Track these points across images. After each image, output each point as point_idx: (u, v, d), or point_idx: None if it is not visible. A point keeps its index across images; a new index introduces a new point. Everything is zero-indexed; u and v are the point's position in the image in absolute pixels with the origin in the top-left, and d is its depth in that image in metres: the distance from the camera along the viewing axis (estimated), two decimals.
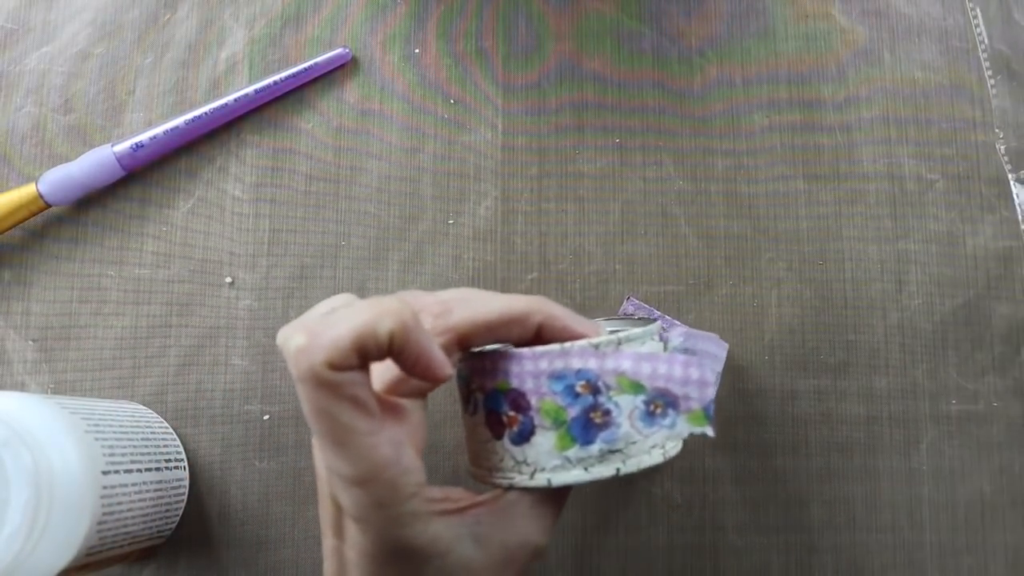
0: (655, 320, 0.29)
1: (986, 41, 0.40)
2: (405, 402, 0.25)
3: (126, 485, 0.30)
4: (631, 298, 0.38)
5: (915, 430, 0.37)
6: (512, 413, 0.24)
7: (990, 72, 0.40)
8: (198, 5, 0.40)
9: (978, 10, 0.40)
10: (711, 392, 0.24)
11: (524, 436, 0.24)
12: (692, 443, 0.37)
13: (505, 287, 0.38)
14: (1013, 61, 0.40)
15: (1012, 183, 0.39)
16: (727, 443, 0.37)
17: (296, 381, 0.22)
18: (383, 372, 0.25)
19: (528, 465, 0.24)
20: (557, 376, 0.24)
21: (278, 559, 0.36)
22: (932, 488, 0.37)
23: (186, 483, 0.36)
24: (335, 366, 0.21)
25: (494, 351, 0.25)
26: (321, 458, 0.24)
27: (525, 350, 0.24)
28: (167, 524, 0.34)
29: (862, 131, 0.39)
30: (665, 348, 0.27)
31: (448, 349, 0.24)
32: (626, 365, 0.24)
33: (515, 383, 0.24)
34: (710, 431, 0.24)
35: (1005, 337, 0.38)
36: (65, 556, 0.27)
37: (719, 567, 0.37)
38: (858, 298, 0.38)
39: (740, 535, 0.37)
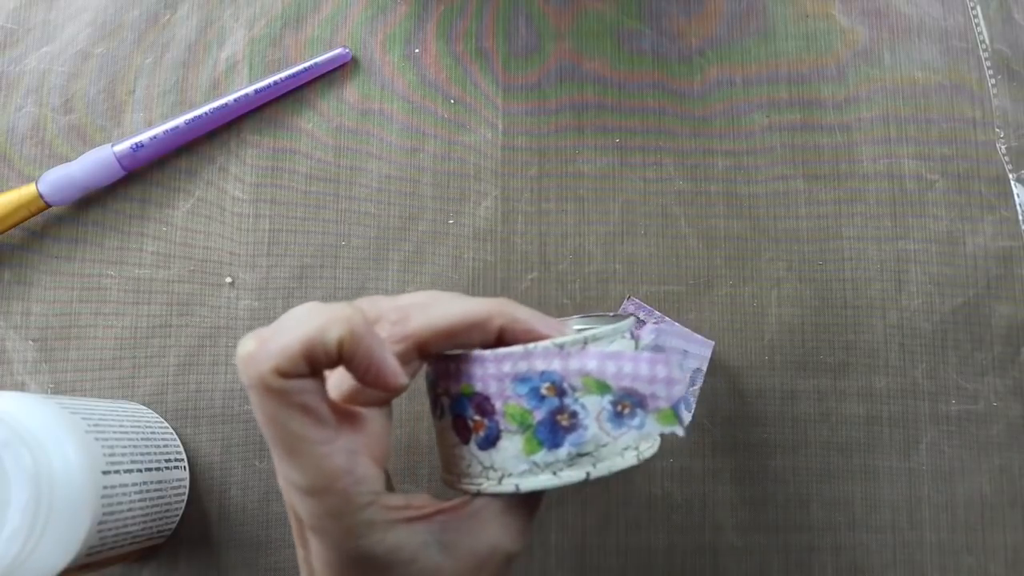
0: (628, 317, 0.28)
1: (986, 41, 0.40)
2: (364, 411, 0.24)
3: (126, 485, 0.30)
4: (631, 298, 0.38)
5: (915, 430, 0.37)
6: (477, 418, 0.24)
7: (990, 72, 0.40)
8: (198, 5, 0.40)
9: (978, 10, 0.40)
10: (679, 390, 0.23)
11: (490, 441, 0.24)
12: (692, 443, 0.37)
13: (505, 287, 0.38)
14: (1013, 61, 0.40)
15: (1012, 183, 0.39)
16: (727, 443, 0.37)
17: (246, 388, 0.21)
18: (342, 380, 0.25)
19: (495, 471, 0.24)
20: (521, 378, 0.23)
21: (278, 559, 0.36)
22: (932, 488, 0.37)
23: (186, 483, 0.36)
24: (284, 373, 0.21)
25: (457, 354, 0.24)
26: (277, 467, 0.24)
27: (487, 352, 0.24)
28: (167, 524, 0.34)
29: (862, 131, 0.39)
30: (636, 346, 0.26)
31: (406, 356, 0.24)
32: (591, 365, 0.23)
33: (479, 387, 0.24)
34: (680, 430, 0.23)
35: (1005, 337, 0.38)
36: (65, 556, 0.27)
37: (719, 567, 0.37)
38: (858, 298, 0.38)
39: (740, 535, 0.37)
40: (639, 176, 0.39)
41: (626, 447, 0.24)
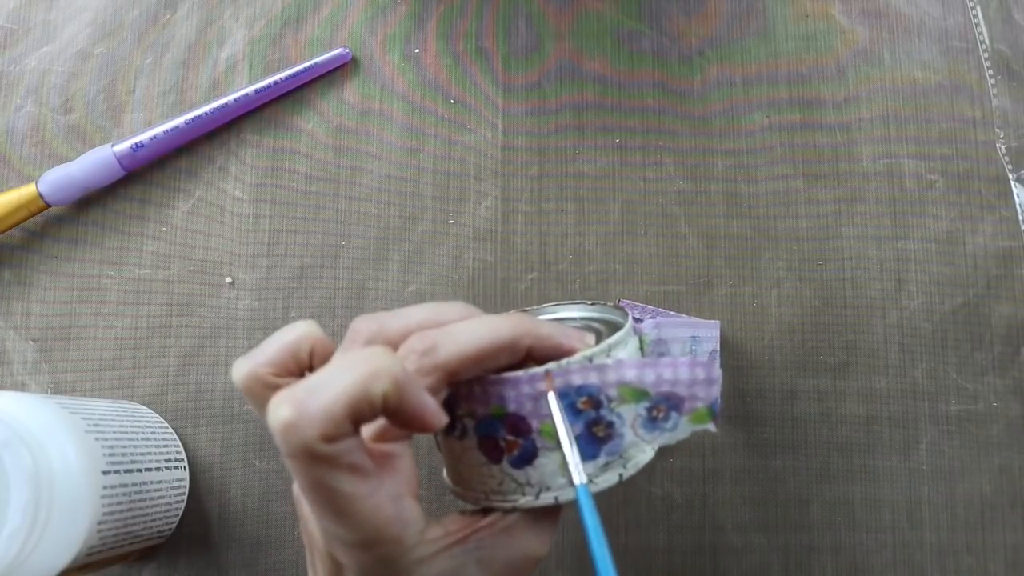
0: (622, 307, 0.28)
1: (986, 41, 0.40)
2: (394, 447, 0.24)
3: (126, 485, 0.30)
4: (622, 302, 0.38)
5: (914, 430, 0.37)
6: (511, 438, 0.24)
7: (990, 72, 0.40)
8: (198, 5, 0.40)
9: (978, 10, 0.40)
10: (718, 389, 0.24)
11: (526, 459, 0.24)
12: (692, 443, 0.37)
13: (505, 287, 0.38)
14: (1013, 61, 0.40)
15: (1012, 183, 0.39)
16: (727, 443, 0.37)
17: (285, 457, 0.20)
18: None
19: (532, 486, 0.24)
20: (558, 395, 0.23)
21: (278, 559, 0.36)
22: (932, 488, 0.37)
23: (186, 483, 0.36)
24: (330, 438, 0.20)
25: (484, 377, 0.24)
26: (314, 521, 0.23)
27: (521, 374, 0.23)
28: (167, 524, 0.34)
29: (862, 130, 0.39)
30: (641, 344, 0.27)
31: (437, 388, 0.23)
32: (630, 375, 0.23)
33: (512, 408, 0.23)
34: (713, 427, 0.24)
35: (1005, 337, 0.38)
36: (65, 556, 0.27)
37: (719, 567, 0.37)
38: (857, 298, 0.38)
39: (740, 535, 0.37)
40: (639, 176, 0.39)
41: (647, 443, 0.24)
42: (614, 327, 0.27)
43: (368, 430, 0.24)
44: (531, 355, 0.24)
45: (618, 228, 0.39)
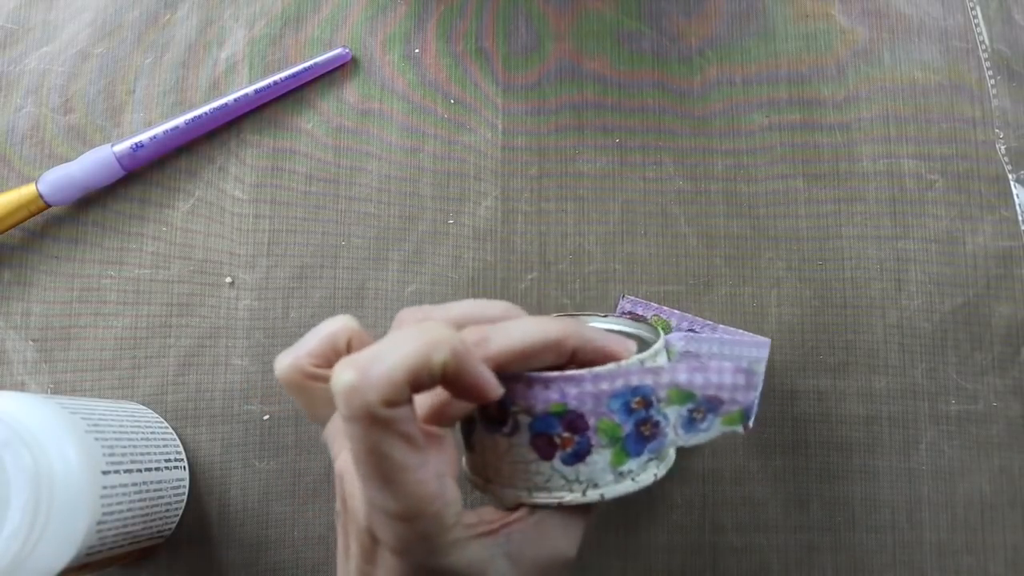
0: (647, 319, 0.30)
1: (986, 41, 0.40)
2: (440, 430, 0.25)
3: (126, 485, 0.30)
4: (626, 296, 0.38)
5: (914, 430, 0.37)
6: (567, 434, 0.24)
7: (990, 72, 0.40)
8: (198, 5, 0.40)
9: (978, 10, 0.40)
10: (755, 394, 0.25)
11: (579, 456, 0.25)
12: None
13: (505, 287, 0.38)
14: (1013, 61, 0.40)
15: (1012, 183, 0.39)
16: (727, 443, 0.37)
17: (346, 420, 0.21)
18: (420, 404, 0.25)
19: (580, 483, 0.25)
20: (617, 395, 0.24)
21: (278, 559, 0.36)
22: (931, 488, 0.37)
23: (186, 483, 0.36)
24: (391, 403, 0.20)
25: (545, 375, 0.25)
26: (358, 496, 0.24)
27: (584, 372, 0.24)
28: (167, 524, 0.34)
29: (862, 130, 0.39)
30: (669, 355, 0.28)
31: None
32: (682, 378, 0.25)
33: (573, 404, 0.24)
34: (741, 429, 0.25)
35: (1005, 337, 0.38)
36: (65, 556, 0.27)
37: (719, 567, 0.37)
38: (857, 298, 0.38)
39: (740, 535, 0.37)
40: (639, 176, 0.39)
41: (672, 444, 0.26)
42: (642, 340, 0.29)
43: (420, 410, 0.25)
44: (575, 358, 0.25)
45: (618, 228, 0.39)
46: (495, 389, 0.23)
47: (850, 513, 0.37)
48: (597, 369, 0.24)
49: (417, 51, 0.40)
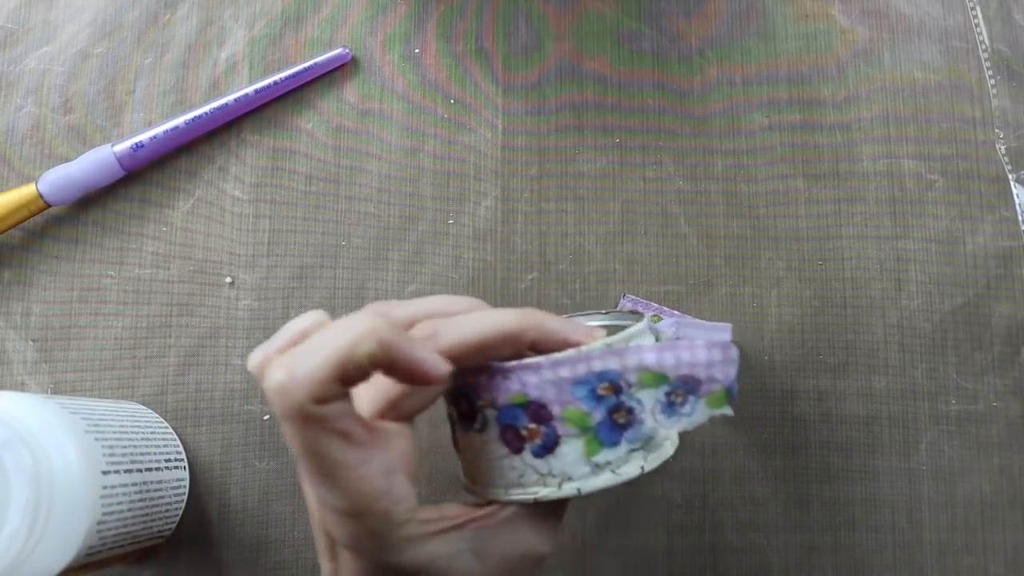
0: (636, 312, 0.29)
1: (986, 41, 0.40)
2: (393, 426, 0.25)
3: (126, 485, 0.30)
4: (627, 296, 0.38)
5: (914, 430, 0.37)
6: (533, 426, 0.24)
7: (990, 72, 0.40)
8: (198, 5, 0.40)
9: (978, 10, 0.40)
10: (734, 369, 0.24)
11: (548, 448, 0.24)
12: (693, 443, 0.37)
13: (505, 287, 0.38)
14: (1013, 61, 0.40)
15: (1012, 183, 0.39)
16: (727, 443, 0.37)
17: (280, 419, 0.21)
18: (373, 398, 0.25)
19: (554, 476, 0.24)
20: (579, 382, 0.23)
21: (278, 559, 0.36)
22: (931, 488, 0.37)
23: (186, 483, 0.36)
24: (320, 399, 0.20)
25: (504, 365, 0.24)
26: (310, 490, 0.24)
27: (542, 359, 0.23)
28: (167, 524, 0.34)
29: (862, 130, 0.39)
30: (657, 341, 0.27)
31: None
32: (650, 359, 0.24)
33: (535, 394, 0.23)
34: (730, 411, 0.24)
35: (1005, 337, 0.38)
36: (65, 556, 0.27)
37: (719, 567, 0.37)
38: (857, 298, 0.38)
39: (740, 535, 0.37)
40: (639, 176, 0.39)
41: (666, 436, 0.24)
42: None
43: (370, 407, 0.25)
44: (536, 349, 0.24)
45: (618, 228, 0.39)
46: (436, 367, 0.22)
47: (850, 513, 0.37)
48: (556, 355, 0.23)
49: (417, 51, 0.40)
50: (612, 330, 0.28)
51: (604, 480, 0.24)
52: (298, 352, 0.21)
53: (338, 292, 0.38)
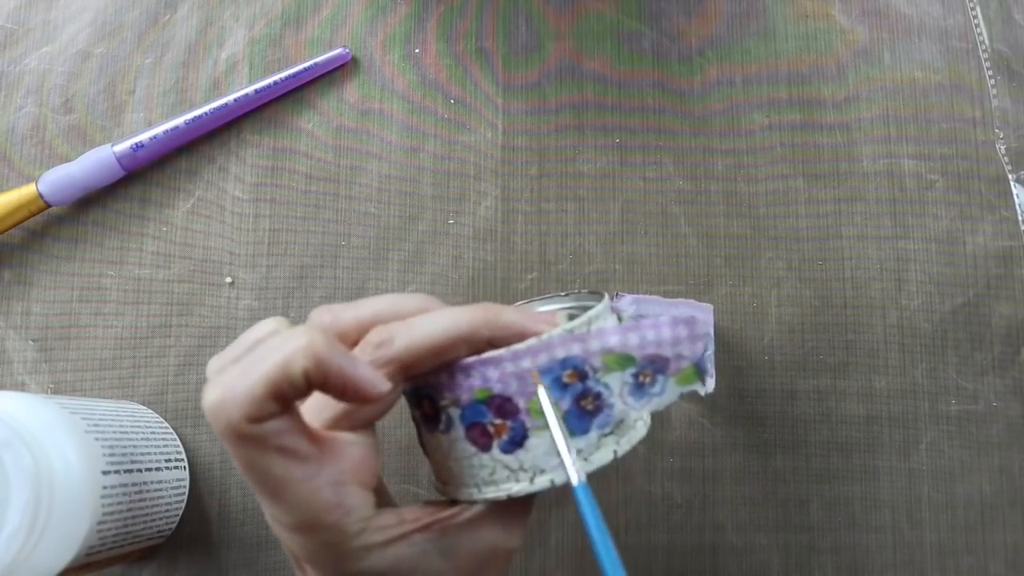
0: (599, 292, 0.28)
1: (986, 41, 0.40)
2: (346, 436, 0.24)
3: (126, 485, 0.30)
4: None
5: (914, 430, 0.37)
6: (499, 421, 0.23)
7: (990, 72, 0.40)
8: (198, 5, 0.40)
9: (978, 10, 0.40)
10: (702, 345, 0.23)
11: (516, 442, 0.23)
12: (693, 443, 0.37)
13: (505, 287, 0.38)
14: (1013, 61, 0.40)
15: (1012, 183, 0.39)
16: (727, 443, 0.37)
17: (220, 438, 0.21)
18: (323, 408, 0.24)
19: (526, 471, 0.23)
20: (543, 371, 0.23)
21: (278, 559, 0.36)
22: (932, 488, 0.37)
23: (186, 483, 0.36)
24: (255, 418, 0.20)
25: (464, 361, 0.23)
26: (264, 507, 0.23)
27: (503, 351, 0.23)
28: (167, 524, 0.34)
29: (862, 130, 0.39)
30: (619, 320, 0.26)
31: (393, 379, 0.23)
32: (613, 341, 0.23)
33: (498, 388, 0.23)
34: (700, 388, 0.23)
35: (1005, 337, 0.38)
36: (65, 556, 0.27)
37: (719, 567, 0.37)
38: (857, 298, 0.38)
39: (740, 535, 0.37)
40: (639, 175, 0.39)
41: (637, 418, 0.24)
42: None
43: (321, 418, 0.24)
44: (494, 345, 0.24)
45: (618, 228, 0.39)
46: (373, 386, 0.22)
47: (850, 513, 0.37)
48: (516, 346, 0.23)
49: (417, 51, 0.40)
50: (574, 314, 0.28)
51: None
52: (235, 370, 0.20)
53: (338, 292, 0.38)
